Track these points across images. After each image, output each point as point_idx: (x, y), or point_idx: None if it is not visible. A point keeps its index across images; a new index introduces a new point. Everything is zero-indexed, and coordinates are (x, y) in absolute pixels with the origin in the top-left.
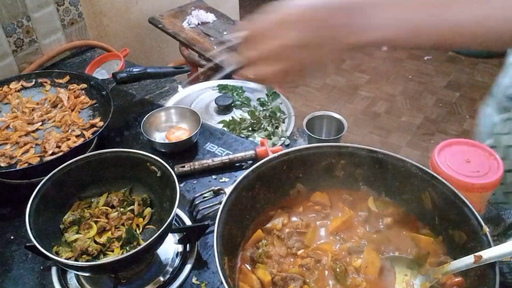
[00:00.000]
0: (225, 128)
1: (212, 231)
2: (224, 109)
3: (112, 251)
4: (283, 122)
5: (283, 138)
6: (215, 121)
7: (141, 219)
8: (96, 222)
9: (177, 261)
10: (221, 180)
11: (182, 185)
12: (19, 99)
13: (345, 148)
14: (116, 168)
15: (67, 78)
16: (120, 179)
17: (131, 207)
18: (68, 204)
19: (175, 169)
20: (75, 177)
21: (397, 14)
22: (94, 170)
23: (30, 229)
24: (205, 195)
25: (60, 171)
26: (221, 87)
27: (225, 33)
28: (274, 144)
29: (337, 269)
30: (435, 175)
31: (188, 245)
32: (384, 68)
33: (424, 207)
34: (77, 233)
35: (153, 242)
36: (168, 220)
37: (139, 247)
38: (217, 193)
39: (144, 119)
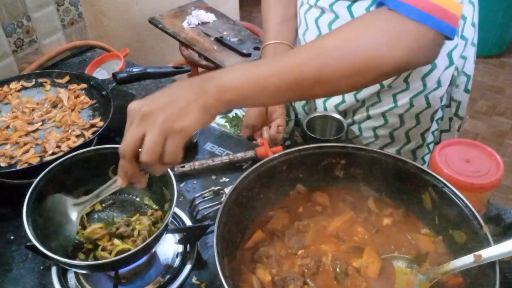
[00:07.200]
0: (227, 124)
1: (212, 231)
2: None
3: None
4: None
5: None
6: (216, 119)
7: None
8: None
9: (177, 261)
10: (221, 180)
11: (182, 185)
12: (19, 99)
13: (345, 148)
14: (115, 166)
15: (67, 78)
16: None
17: None
18: None
19: (175, 169)
20: (72, 174)
21: (244, 77)
22: (92, 166)
23: (29, 228)
24: (205, 195)
25: (55, 167)
26: None
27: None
28: None
29: (337, 269)
30: (435, 175)
31: (188, 245)
32: None
33: (424, 207)
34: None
35: (151, 242)
36: (166, 221)
37: (137, 247)
38: (217, 193)
39: None
